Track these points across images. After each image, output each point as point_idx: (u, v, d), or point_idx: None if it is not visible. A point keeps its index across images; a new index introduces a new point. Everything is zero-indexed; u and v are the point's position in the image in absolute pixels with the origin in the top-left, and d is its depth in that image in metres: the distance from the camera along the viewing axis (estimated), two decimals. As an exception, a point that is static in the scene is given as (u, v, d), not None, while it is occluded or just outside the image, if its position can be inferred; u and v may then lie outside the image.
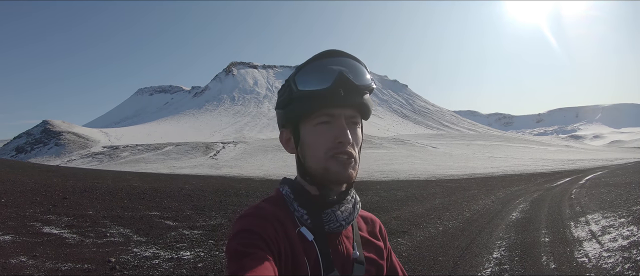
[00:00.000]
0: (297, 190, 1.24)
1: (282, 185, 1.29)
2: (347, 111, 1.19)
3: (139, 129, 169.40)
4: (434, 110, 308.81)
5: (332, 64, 1.18)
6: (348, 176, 1.18)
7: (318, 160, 1.18)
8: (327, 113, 1.17)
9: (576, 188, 18.49)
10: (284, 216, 1.18)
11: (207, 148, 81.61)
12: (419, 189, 20.42)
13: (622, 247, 7.36)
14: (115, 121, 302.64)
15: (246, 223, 1.11)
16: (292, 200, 1.23)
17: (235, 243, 1.05)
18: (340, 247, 1.23)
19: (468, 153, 74.05)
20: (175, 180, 26.20)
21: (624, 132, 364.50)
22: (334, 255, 1.20)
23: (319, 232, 1.18)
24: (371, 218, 1.43)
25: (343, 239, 1.26)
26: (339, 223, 1.22)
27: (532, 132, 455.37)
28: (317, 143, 1.18)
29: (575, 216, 11.12)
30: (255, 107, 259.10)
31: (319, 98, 1.16)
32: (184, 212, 12.32)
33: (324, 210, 1.21)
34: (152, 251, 7.71)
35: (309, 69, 1.19)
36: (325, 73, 1.17)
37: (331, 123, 1.18)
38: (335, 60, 1.20)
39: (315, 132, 1.19)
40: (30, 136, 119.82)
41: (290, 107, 1.20)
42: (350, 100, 1.18)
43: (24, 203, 12.54)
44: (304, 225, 1.19)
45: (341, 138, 1.16)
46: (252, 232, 1.07)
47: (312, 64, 1.19)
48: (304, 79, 1.18)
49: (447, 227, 10.40)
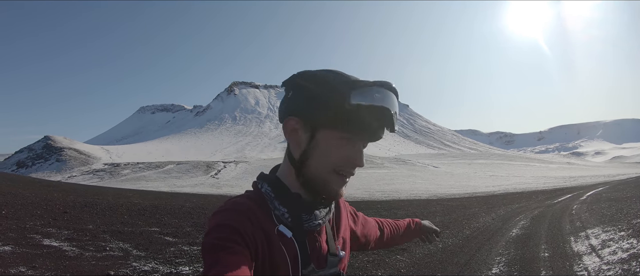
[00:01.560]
0: (277, 188, 1.24)
1: (261, 182, 1.29)
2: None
3: (140, 147, 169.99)
4: (435, 129, 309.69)
5: (388, 99, 1.20)
6: (340, 195, 1.25)
7: (323, 170, 1.21)
8: (362, 138, 1.22)
9: (577, 204, 18.43)
10: (262, 213, 1.19)
11: (208, 167, 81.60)
12: (420, 208, 20.34)
13: (622, 260, 7.36)
14: (117, 138, 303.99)
15: (223, 218, 1.11)
16: (272, 198, 1.23)
17: (212, 237, 1.06)
18: (317, 243, 1.26)
19: (469, 172, 73.99)
20: (175, 197, 26.14)
21: (626, 148, 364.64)
22: (312, 251, 1.23)
23: (298, 230, 1.20)
24: (341, 205, 1.46)
25: (318, 235, 1.28)
26: (317, 221, 1.25)
27: (533, 149, 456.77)
28: (332, 155, 1.20)
29: (576, 231, 11.09)
30: (256, 127, 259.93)
31: (367, 127, 1.18)
32: (183, 229, 12.28)
33: (304, 208, 1.23)
34: (151, 266, 7.70)
35: (368, 92, 1.17)
36: (383, 106, 1.17)
37: (352, 142, 1.21)
38: (391, 96, 1.21)
39: (336, 144, 1.19)
40: (31, 151, 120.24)
41: (330, 112, 1.17)
42: (382, 135, 1.24)
43: (25, 216, 12.54)
44: (284, 222, 1.20)
45: (357, 162, 1.22)
46: (229, 227, 1.08)
47: (373, 89, 1.18)
48: (360, 99, 1.16)
49: (447, 244, 10.37)
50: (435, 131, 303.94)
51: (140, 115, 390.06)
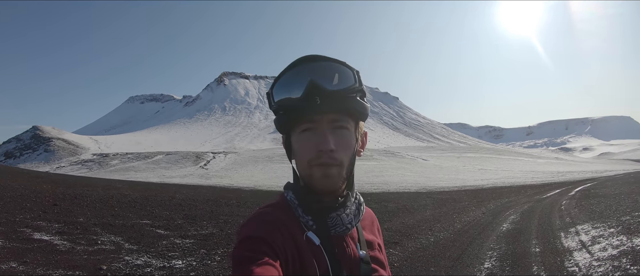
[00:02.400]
0: (300, 196, 1.23)
1: (287, 191, 1.28)
2: (330, 115, 1.18)
3: (129, 137, 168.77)
4: (425, 122, 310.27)
5: (304, 71, 1.18)
6: (331, 184, 1.19)
7: (304, 168, 1.20)
8: (310, 119, 1.18)
9: (566, 199, 18.61)
10: (291, 221, 1.18)
11: (198, 158, 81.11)
12: (410, 201, 20.40)
13: (612, 256, 7.44)
14: (106, 128, 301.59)
15: (252, 229, 1.11)
16: (296, 206, 1.22)
17: (242, 249, 1.06)
18: (348, 249, 1.24)
19: (458, 166, 74.22)
20: (165, 189, 26.01)
21: (613, 145, 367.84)
22: (342, 257, 1.20)
23: (325, 236, 1.19)
24: (369, 214, 1.44)
25: (349, 241, 1.26)
26: (344, 226, 1.23)
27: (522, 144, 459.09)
28: (302, 151, 1.19)
29: (566, 227, 11.20)
30: (246, 118, 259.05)
31: (295, 108, 1.17)
32: (175, 221, 12.24)
33: (329, 215, 1.21)
34: (144, 260, 7.66)
35: (283, 79, 1.20)
36: (297, 82, 1.17)
37: (313, 129, 1.18)
38: (307, 66, 1.20)
39: (300, 140, 1.20)
40: (19, 141, 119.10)
41: (276, 117, 1.23)
42: (328, 107, 1.17)
43: (14, 209, 12.42)
44: (311, 230, 1.19)
45: (321, 146, 1.16)
46: (258, 238, 1.07)
47: (286, 74, 1.20)
48: (279, 90, 1.20)
49: (438, 238, 10.42)
50: (425, 124, 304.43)
51: (129, 105, 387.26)
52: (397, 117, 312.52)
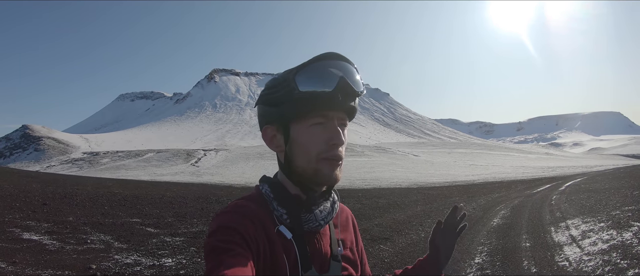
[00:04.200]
0: (276, 189, 1.24)
1: (262, 184, 1.29)
2: (339, 113, 1.20)
3: (119, 135, 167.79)
4: (416, 118, 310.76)
5: (333, 67, 1.19)
6: (335, 178, 1.21)
7: (309, 161, 1.19)
8: (323, 114, 1.18)
9: (556, 194, 18.73)
10: (264, 214, 1.19)
11: (189, 155, 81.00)
12: (401, 197, 20.46)
13: (602, 251, 7.49)
14: (96, 127, 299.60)
15: (225, 219, 1.11)
16: (271, 199, 1.23)
17: (214, 239, 1.05)
18: (318, 245, 1.24)
19: (449, 161, 74.65)
20: (156, 187, 25.91)
21: (603, 140, 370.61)
22: (312, 254, 1.21)
23: (298, 231, 1.19)
24: (344, 212, 1.44)
25: (320, 237, 1.27)
26: (317, 222, 1.23)
27: (512, 140, 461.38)
28: (311, 144, 1.18)
29: (556, 221, 11.26)
30: (237, 115, 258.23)
31: (320, 100, 1.16)
32: (165, 219, 12.20)
33: (303, 210, 1.22)
34: (134, 258, 7.63)
35: (310, 70, 1.18)
36: (326, 76, 1.17)
37: (325, 124, 1.18)
38: (337, 63, 1.20)
39: (309, 133, 1.18)
40: (9, 141, 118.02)
41: (287, 106, 1.19)
42: (346, 104, 1.19)
43: (3, 209, 12.33)
44: (283, 223, 1.19)
45: (335, 140, 1.17)
46: (231, 229, 1.07)
47: (313, 65, 1.19)
48: (305, 80, 1.17)
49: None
50: (416, 120, 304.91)
51: (120, 102, 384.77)
52: (388, 113, 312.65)
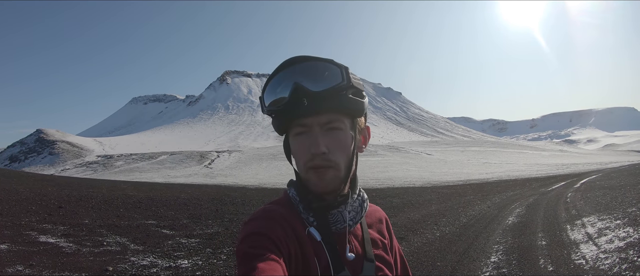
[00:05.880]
0: (302, 192, 1.22)
1: (289, 187, 1.29)
2: (320, 118, 1.16)
3: (133, 138, 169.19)
4: (428, 117, 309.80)
5: (289, 74, 1.17)
6: (325, 186, 1.18)
7: (301, 171, 1.20)
8: (300, 124, 1.17)
9: (571, 191, 18.55)
10: (293, 217, 1.18)
11: (202, 157, 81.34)
12: (415, 196, 20.37)
13: (619, 248, 7.40)
14: (110, 130, 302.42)
15: (255, 226, 1.11)
16: (298, 202, 1.23)
17: (245, 245, 1.05)
18: (350, 246, 1.22)
19: (463, 160, 74.23)
20: (170, 189, 26.03)
21: (618, 136, 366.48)
22: (344, 255, 1.19)
23: (327, 232, 1.18)
24: (377, 212, 1.42)
25: (352, 238, 1.25)
26: (346, 223, 1.22)
27: (526, 137, 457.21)
28: (298, 154, 1.19)
29: (571, 219, 11.15)
30: (249, 116, 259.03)
31: (288, 111, 1.16)
32: (180, 221, 12.25)
33: (330, 211, 1.21)
34: (150, 260, 7.67)
35: (271, 84, 1.20)
36: (283, 86, 1.16)
37: (306, 133, 1.17)
38: (292, 69, 1.18)
39: (295, 143, 1.20)
40: (24, 145, 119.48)
41: (272, 120, 1.23)
42: (317, 107, 1.15)
43: (20, 212, 12.45)
44: (312, 226, 1.19)
45: (312, 150, 1.15)
46: (261, 234, 1.07)
47: (273, 79, 1.19)
48: (268, 95, 1.20)
49: (444, 233, 10.40)
50: (428, 118, 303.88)
51: (133, 106, 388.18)
52: (401, 112, 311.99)
